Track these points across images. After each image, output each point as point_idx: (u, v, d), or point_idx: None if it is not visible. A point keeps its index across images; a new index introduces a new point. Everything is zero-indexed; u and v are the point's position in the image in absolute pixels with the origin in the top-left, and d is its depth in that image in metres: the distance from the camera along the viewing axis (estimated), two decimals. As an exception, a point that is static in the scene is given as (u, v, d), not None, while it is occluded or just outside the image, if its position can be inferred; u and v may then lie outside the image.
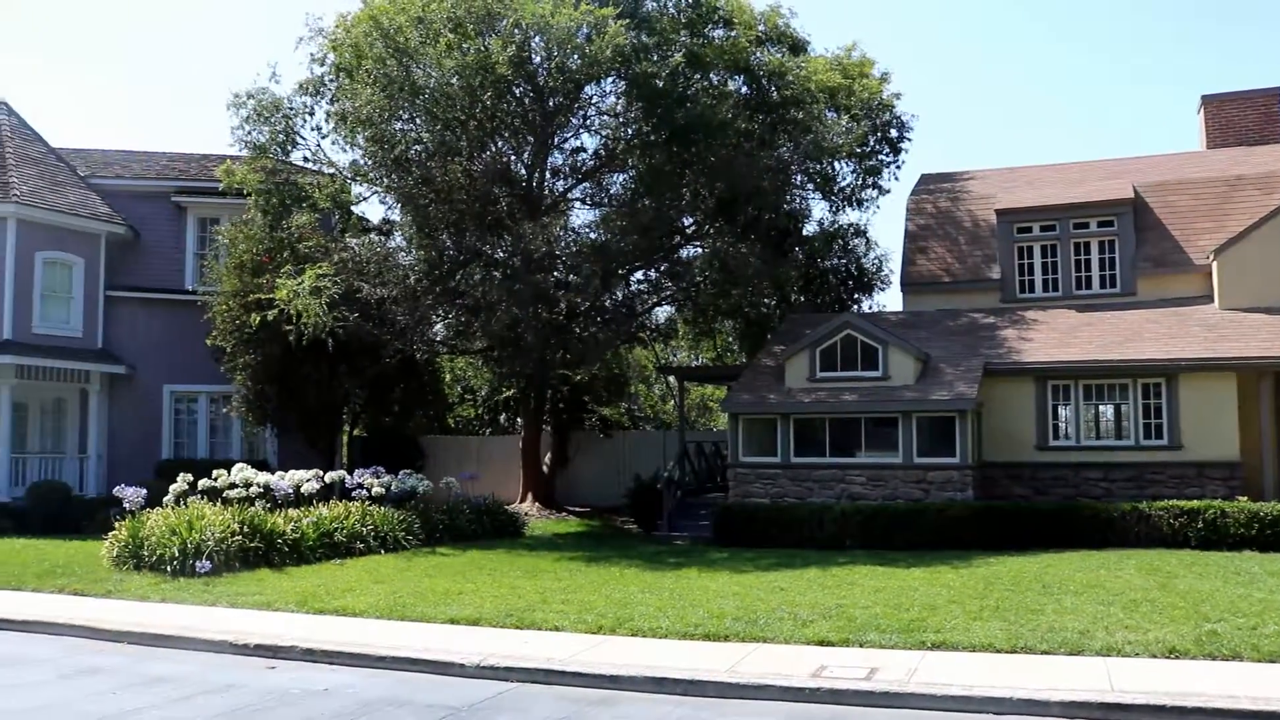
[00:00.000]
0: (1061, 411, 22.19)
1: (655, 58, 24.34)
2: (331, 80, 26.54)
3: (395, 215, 28.17)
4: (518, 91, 24.62)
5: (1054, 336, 23.16)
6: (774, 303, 30.64)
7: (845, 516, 20.39)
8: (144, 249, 29.74)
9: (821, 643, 11.29)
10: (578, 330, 25.29)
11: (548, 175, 27.15)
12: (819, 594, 14.30)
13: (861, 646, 11.09)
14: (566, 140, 27.20)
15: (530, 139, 26.01)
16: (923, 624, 11.90)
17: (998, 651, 10.69)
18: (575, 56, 23.29)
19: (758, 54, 26.92)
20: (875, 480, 21.70)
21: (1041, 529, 19.39)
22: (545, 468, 29.78)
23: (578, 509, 28.76)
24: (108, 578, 16.44)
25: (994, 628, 11.58)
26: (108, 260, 28.85)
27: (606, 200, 27.52)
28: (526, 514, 26.13)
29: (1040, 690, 9.13)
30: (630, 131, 26.16)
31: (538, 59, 24.13)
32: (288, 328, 23.38)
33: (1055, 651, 10.59)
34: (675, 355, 39.73)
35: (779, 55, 27.40)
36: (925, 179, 29.18)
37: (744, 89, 27.00)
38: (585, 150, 27.75)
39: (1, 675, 11.07)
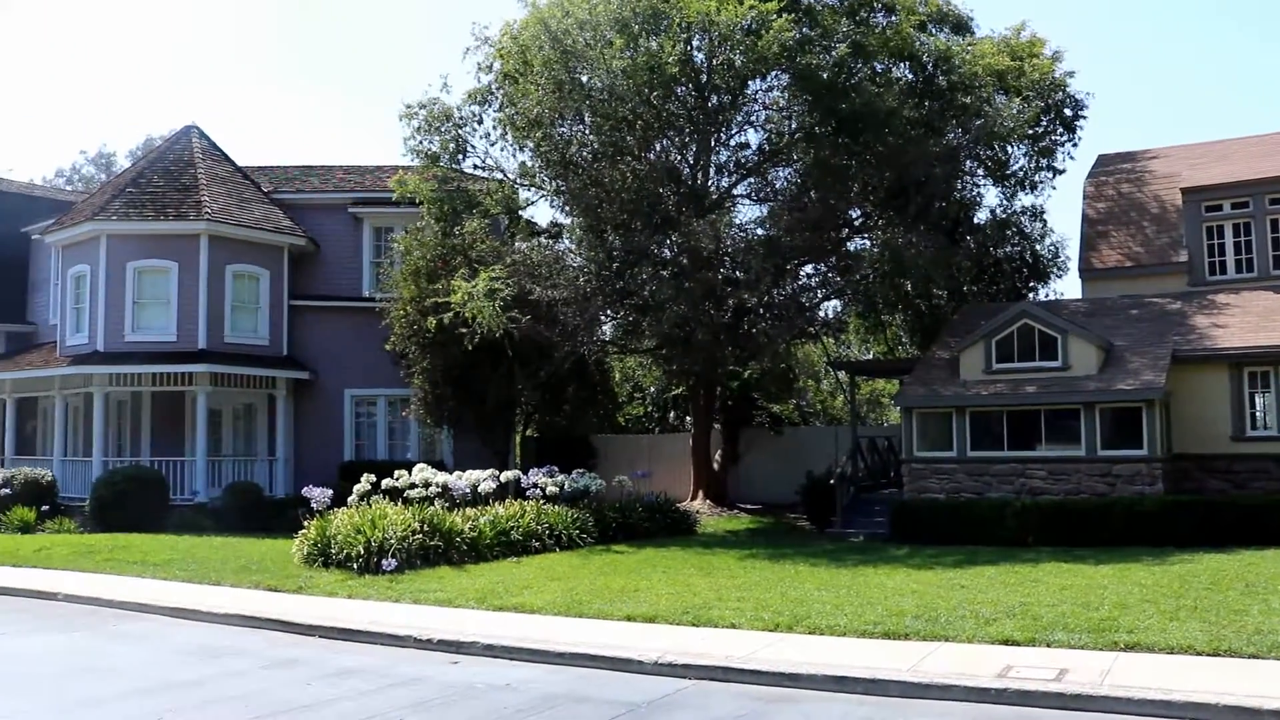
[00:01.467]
0: (1259, 400, 20.99)
1: (819, 49, 24.05)
2: (499, 88, 27.09)
3: (563, 218, 28.60)
4: (680, 90, 24.67)
5: (1249, 320, 21.91)
6: (945, 294, 29.88)
7: (1026, 512, 19.73)
8: (323, 259, 30.97)
9: (1006, 642, 10.93)
10: (747, 327, 25.15)
11: (712, 172, 27.12)
12: (1001, 592, 13.86)
13: (1049, 646, 10.68)
14: (731, 136, 27.11)
15: (694, 136, 26.02)
16: (1114, 624, 11.38)
17: (1198, 654, 10.13)
18: (740, 52, 23.19)
19: (921, 38, 26.31)
20: (1057, 474, 20.91)
21: (1240, 525, 18.34)
22: (715, 465, 29.74)
23: (749, 506, 28.62)
24: (298, 574, 17.13)
25: (1193, 629, 10.99)
26: (290, 271, 30.16)
27: (772, 195, 27.30)
28: (698, 511, 26.14)
29: (1250, 697, 8.55)
30: (795, 125, 25.90)
31: (701, 56, 24.10)
32: (463, 330, 23.94)
33: (1264, 655, 9.94)
34: (845, 350, 39.16)
35: (943, 38, 26.72)
36: (1103, 160, 28.02)
37: (909, 75, 26.43)
38: (749, 146, 27.62)
39: (210, 665, 11.66)
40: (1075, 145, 29.57)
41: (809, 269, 27.78)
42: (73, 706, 9.87)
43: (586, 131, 25.48)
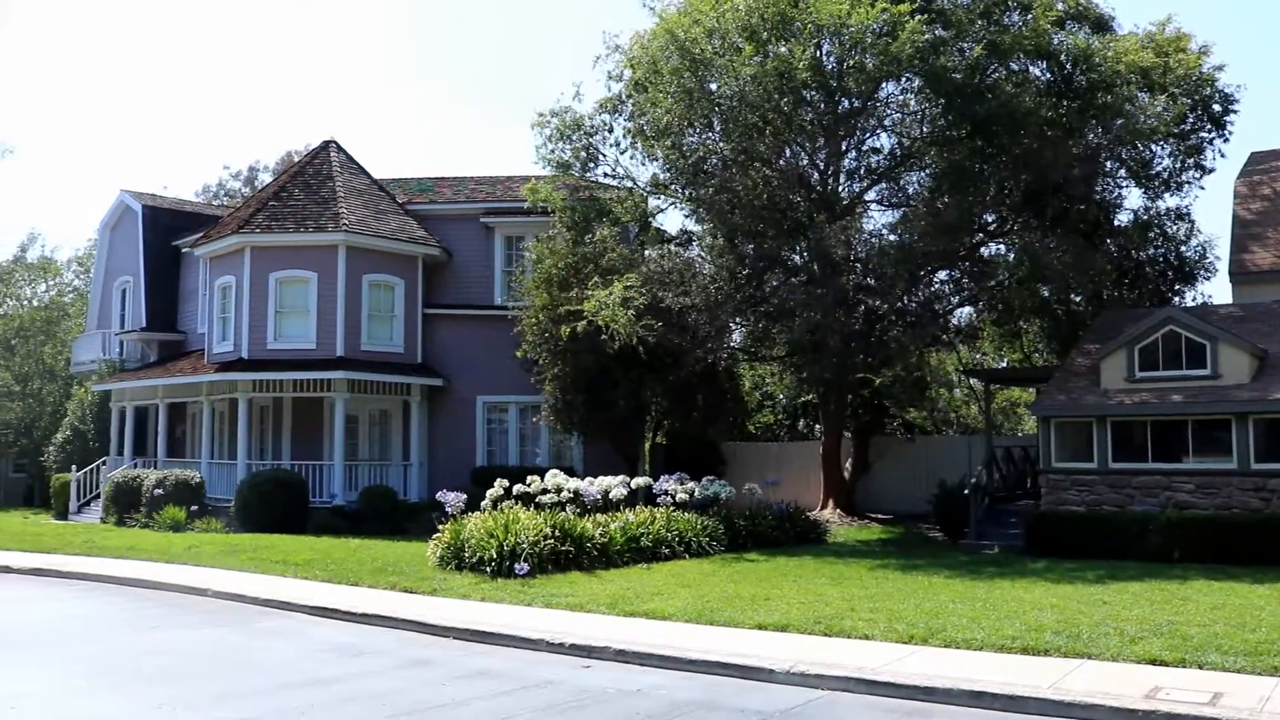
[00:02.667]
0: None
1: (953, 51, 23.60)
2: (629, 97, 27.26)
3: (693, 225, 28.63)
4: (810, 95, 24.48)
5: None
6: (1084, 299, 28.95)
7: (1172, 526, 18.96)
8: (456, 268, 31.58)
9: (1153, 661, 10.51)
10: (879, 334, 24.81)
11: (843, 177, 26.83)
12: (1147, 609, 13.35)
13: (1200, 668, 10.23)
14: (863, 140, 26.78)
15: (824, 141, 25.78)
16: (1273, 647, 10.85)
17: (1366, 680, 9.58)
18: (872, 56, 22.91)
19: (1059, 37, 25.57)
20: (1205, 488, 20.06)
21: None
22: (846, 474, 29.37)
23: (879, 516, 28.17)
24: (433, 576, 17.45)
25: (1360, 652, 10.41)
26: (425, 280, 30.86)
27: (904, 200, 26.88)
28: (828, 521, 25.85)
29: None
30: (927, 128, 25.45)
31: (831, 61, 23.88)
32: (603, 338, 24.14)
33: None
34: (980, 357, 38.30)
35: (1082, 36, 25.92)
36: (1256, 157, 26.87)
37: (1046, 75, 25.72)
38: (880, 150, 27.24)
39: (348, 664, 11.95)
40: (1225, 142, 28.37)
41: (942, 275, 27.25)
42: (223, 698, 10.22)
43: (716, 139, 25.47)
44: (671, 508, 21.17)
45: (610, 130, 27.91)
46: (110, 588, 18.48)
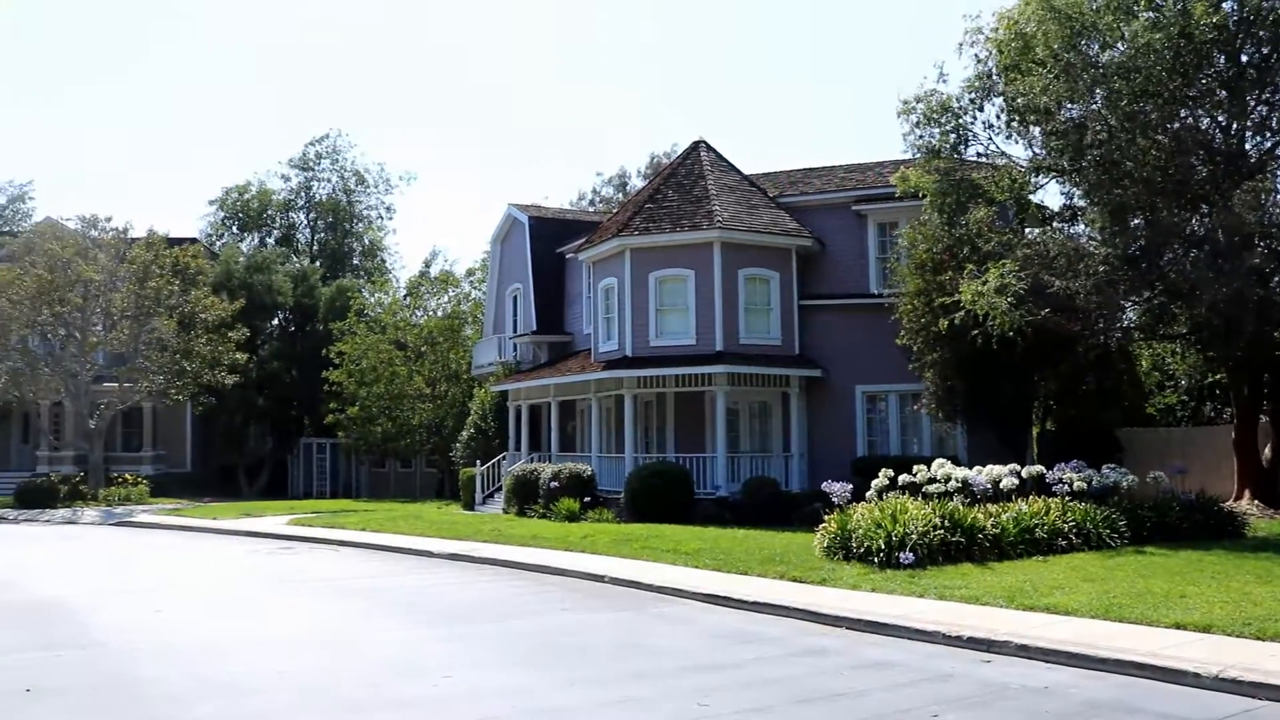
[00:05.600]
0: None
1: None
2: (998, 75, 26.05)
3: (1078, 201, 26.92)
4: (1209, 51, 22.41)
5: None
6: None
7: None
8: (829, 258, 31.46)
9: None
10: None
11: (1248, 134, 24.32)
12: None
13: None
14: (1277, 91, 24.14)
15: (1226, 96, 23.49)
16: None
17: None
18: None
19: None
20: None
21: None
22: (1265, 462, 26.65)
23: (1306, 507, 25.33)
24: (820, 566, 17.44)
25: None
26: (798, 271, 30.94)
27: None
28: (1244, 513, 23.49)
29: None
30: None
31: (1229, 5, 21.76)
32: (974, 332, 23.28)
33: None
34: None
35: None
36: None
37: None
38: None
39: (743, 650, 12.19)
40: None
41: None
42: (626, 678, 10.69)
43: (1099, 108, 23.80)
44: (1066, 497, 20.04)
45: (981, 109, 26.79)
46: (516, 572, 19.85)
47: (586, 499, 28.76)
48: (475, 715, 9.27)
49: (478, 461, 37.15)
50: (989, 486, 20.08)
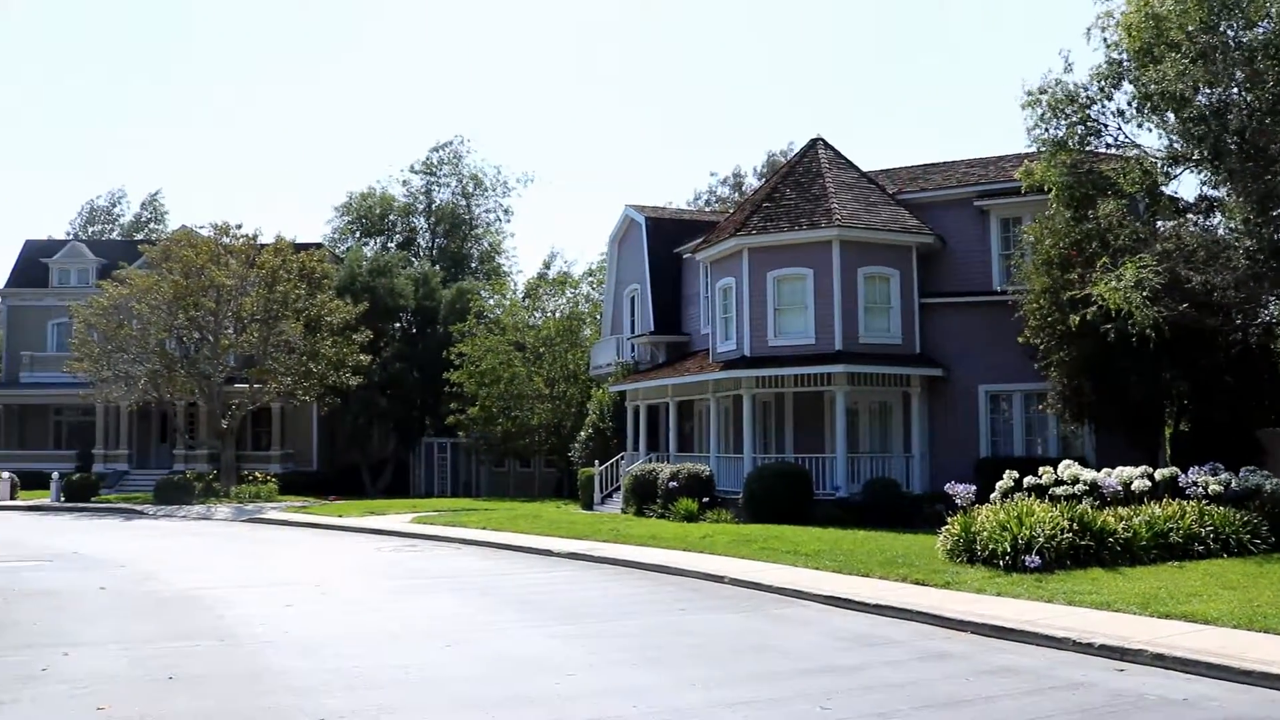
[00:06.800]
0: None
1: None
2: (1130, 62, 25.15)
3: (1216, 190, 25.83)
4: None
5: None
6: None
7: None
8: (950, 255, 30.82)
9: None
10: None
11: None
12: None
13: None
14: None
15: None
16: None
17: None
18: None
19: None
20: None
21: None
22: None
23: None
24: (943, 569, 17.08)
25: None
26: (919, 269, 30.39)
27: None
28: (1404, 519, 22.28)
29: None
30: None
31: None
32: (1106, 326, 22.51)
33: None
34: None
35: None
36: None
37: None
38: None
39: (866, 652, 12.00)
40: None
41: None
42: (746, 679, 10.60)
43: (1239, 93, 22.80)
44: (1202, 501, 19.26)
45: (1109, 98, 25.88)
46: (635, 572, 19.88)
47: (705, 499, 28.69)
48: (595, 714, 9.28)
49: (595, 461, 37.37)
50: (1119, 489, 19.43)
